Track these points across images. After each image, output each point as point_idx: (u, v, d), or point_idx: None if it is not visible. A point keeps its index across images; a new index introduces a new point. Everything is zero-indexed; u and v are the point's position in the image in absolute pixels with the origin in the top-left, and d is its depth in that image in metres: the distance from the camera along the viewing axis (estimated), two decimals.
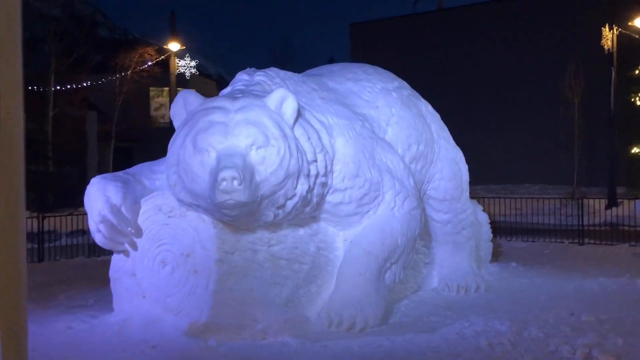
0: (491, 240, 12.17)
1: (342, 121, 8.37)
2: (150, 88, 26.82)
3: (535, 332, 7.10)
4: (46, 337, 7.17)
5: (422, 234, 9.40)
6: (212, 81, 48.21)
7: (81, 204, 8.13)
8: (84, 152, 24.40)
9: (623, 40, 22.52)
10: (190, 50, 27.14)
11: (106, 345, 6.87)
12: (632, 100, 23.58)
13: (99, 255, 14.31)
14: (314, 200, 7.82)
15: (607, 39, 21.71)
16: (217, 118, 7.09)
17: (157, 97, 26.94)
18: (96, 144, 25.75)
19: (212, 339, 6.85)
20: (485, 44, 34.95)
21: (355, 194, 8.22)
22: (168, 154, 7.43)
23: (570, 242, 16.64)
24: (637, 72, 23.36)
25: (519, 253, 14.67)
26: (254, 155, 6.99)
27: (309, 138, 7.64)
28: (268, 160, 7.06)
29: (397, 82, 10.04)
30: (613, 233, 17.91)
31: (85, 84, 22.96)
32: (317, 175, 7.70)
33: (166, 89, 25.91)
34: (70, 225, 16.24)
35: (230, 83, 8.46)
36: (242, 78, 8.25)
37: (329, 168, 7.93)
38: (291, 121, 7.48)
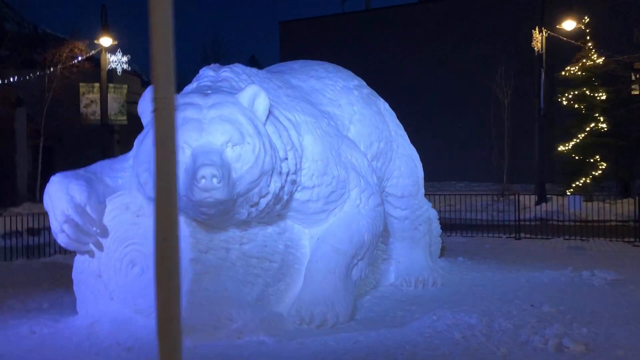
0: (440, 236, 12.45)
1: (309, 119, 8.37)
2: (80, 84, 25.96)
3: (504, 323, 7.31)
4: (10, 342, 6.87)
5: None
6: (137, 77, 47.17)
7: (11, 204, 7.83)
8: (14, 150, 23.35)
9: (551, 42, 23.44)
10: (118, 45, 26.42)
11: (77, 349, 6.63)
12: (559, 100, 24.53)
13: (39, 256, 13.80)
14: (285, 197, 7.80)
15: (537, 41, 22.53)
16: (190, 114, 6.96)
17: (88, 93, 26.13)
18: (25, 142, 24.73)
19: (187, 340, 6.71)
20: (415, 44, 35.69)
21: (323, 192, 8.25)
22: (136, 151, 7.23)
23: (507, 237, 17.23)
24: (563, 73, 24.32)
25: (461, 248, 15.04)
26: (230, 153, 6.91)
27: (280, 135, 7.61)
28: (244, 158, 6.98)
29: (357, 81, 10.12)
30: (545, 227, 18.68)
31: (12, 79, 21.97)
32: (288, 173, 7.68)
33: (97, 84, 25.15)
34: (3, 226, 15.54)
35: (194, 79, 8.31)
36: (207, 74, 8.13)
37: (298, 166, 7.92)
38: (263, 118, 7.44)
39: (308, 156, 8.11)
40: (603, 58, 23.99)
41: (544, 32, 22.60)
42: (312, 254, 8.28)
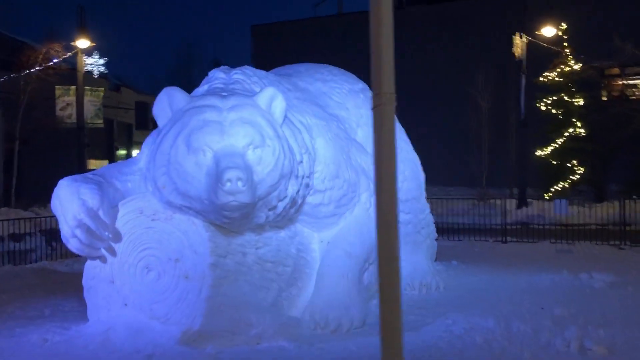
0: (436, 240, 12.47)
1: (320, 122, 8.32)
2: (57, 87, 25.44)
3: (522, 327, 7.32)
4: (24, 351, 6.67)
5: None
6: (107, 81, 46.67)
7: None
8: None
9: (530, 48, 23.74)
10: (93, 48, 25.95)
11: (94, 357, 6.45)
12: (537, 105, 24.86)
13: (28, 262, 13.47)
14: (299, 201, 7.73)
15: (518, 47, 22.81)
16: (211, 117, 6.84)
17: (64, 96, 25.60)
18: (2, 144, 24.12)
19: (209, 346, 6.60)
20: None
21: (334, 195, 8.19)
22: (154, 154, 7.06)
23: (494, 241, 17.39)
24: (541, 78, 24.66)
25: (451, 252, 15.08)
26: (251, 156, 6.81)
27: (295, 138, 7.54)
28: (264, 161, 6.89)
29: (361, 84, 10.09)
30: (528, 231, 18.87)
31: None
32: (303, 176, 7.61)
33: (73, 87, 24.65)
34: None
35: (204, 81, 8.19)
36: (218, 76, 8.01)
37: (311, 169, 7.86)
38: (280, 120, 7.36)
39: (320, 159, 8.05)
40: (580, 64, 24.42)
41: (524, 38, 22.89)
42: (324, 258, 8.21)
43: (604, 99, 28.69)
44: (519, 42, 22.63)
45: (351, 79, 10.05)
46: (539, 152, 24.89)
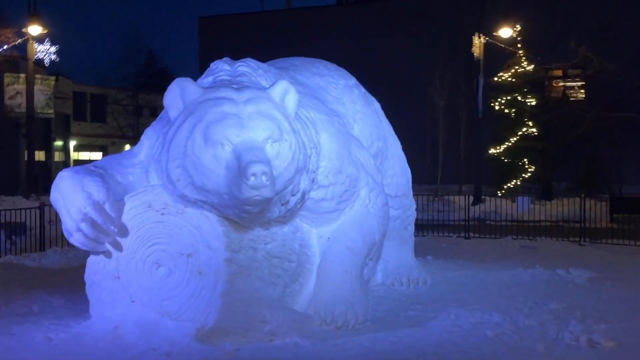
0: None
1: (323, 116, 8.26)
2: (5, 74, 24.42)
3: (528, 321, 7.47)
4: (30, 351, 6.37)
5: None
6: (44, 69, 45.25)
7: None
8: None
9: (486, 48, 24.28)
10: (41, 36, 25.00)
11: (108, 356, 6.23)
12: (492, 104, 25.45)
13: None
14: (307, 196, 7.66)
15: (476, 47, 23.26)
16: (229, 109, 6.69)
17: (13, 84, 24.58)
18: None
19: (227, 342, 6.48)
20: (341, 45, 35.82)
21: (337, 190, 8.16)
22: (167, 146, 6.84)
23: (457, 236, 17.71)
24: (495, 78, 25.23)
25: (419, 247, 15.08)
26: (269, 150, 6.70)
27: (305, 133, 7.47)
28: (282, 155, 6.80)
29: (354, 80, 10.08)
30: (484, 227, 19.31)
31: None
32: (311, 171, 7.55)
33: (23, 75, 23.71)
34: None
35: (207, 72, 7.98)
36: (223, 68, 7.83)
37: (317, 164, 7.80)
38: (293, 114, 7.28)
39: (324, 154, 7.99)
40: (533, 65, 25.12)
41: (481, 39, 23.37)
42: (326, 253, 8.16)
43: (546, 101, 29.66)
44: (478, 43, 23.07)
45: (345, 74, 10.03)
46: (492, 151, 25.51)
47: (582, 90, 31.07)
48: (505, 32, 24.12)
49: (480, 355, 6.37)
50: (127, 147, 53.87)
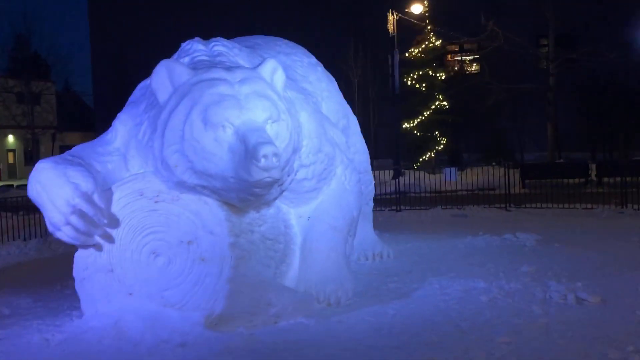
0: None
1: (300, 95, 8.20)
2: None
3: (513, 285, 7.80)
4: (30, 354, 5.99)
5: None
6: None
7: None
8: None
9: (399, 24, 24.76)
10: None
11: (118, 352, 5.97)
12: (405, 80, 26.03)
13: None
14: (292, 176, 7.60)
15: (390, 24, 23.67)
16: (225, 90, 6.50)
17: None
18: None
19: (240, 327, 6.37)
20: (252, 17, 35.38)
21: (317, 169, 8.13)
22: (161, 131, 6.55)
23: (388, 210, 18.11)
24: (406, 54, 25.82)
25: None
26: (269, 130, 6.58)
27: (290, 113, 7.39)
28: (281, 135, 6.71)
29: (314, 58, 10.02)
30: (413, 199, 19.87)
31: None
32: (298, 151, 7.49)
33: None
34: None
35: (180, 53, 7.68)
36: (198, 48, 7.56)
37: (301, 143, 7.75)
38: (282, 93, 7.17)
39: (305, 133, 7.92)
40: (441, 40, 25.88)
41: (395, 15, 23.80)
42: (309, 233, 8.13)
43: (453, 75, 30.65)
44: (392, 19, 23.49)
45: (306, 52, 9.96)
46: (405, 125, 26.16)
47: (475, 64, 32.44)
48: (416, 8, 24.69)
49: (489, 320, 6.55)
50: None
